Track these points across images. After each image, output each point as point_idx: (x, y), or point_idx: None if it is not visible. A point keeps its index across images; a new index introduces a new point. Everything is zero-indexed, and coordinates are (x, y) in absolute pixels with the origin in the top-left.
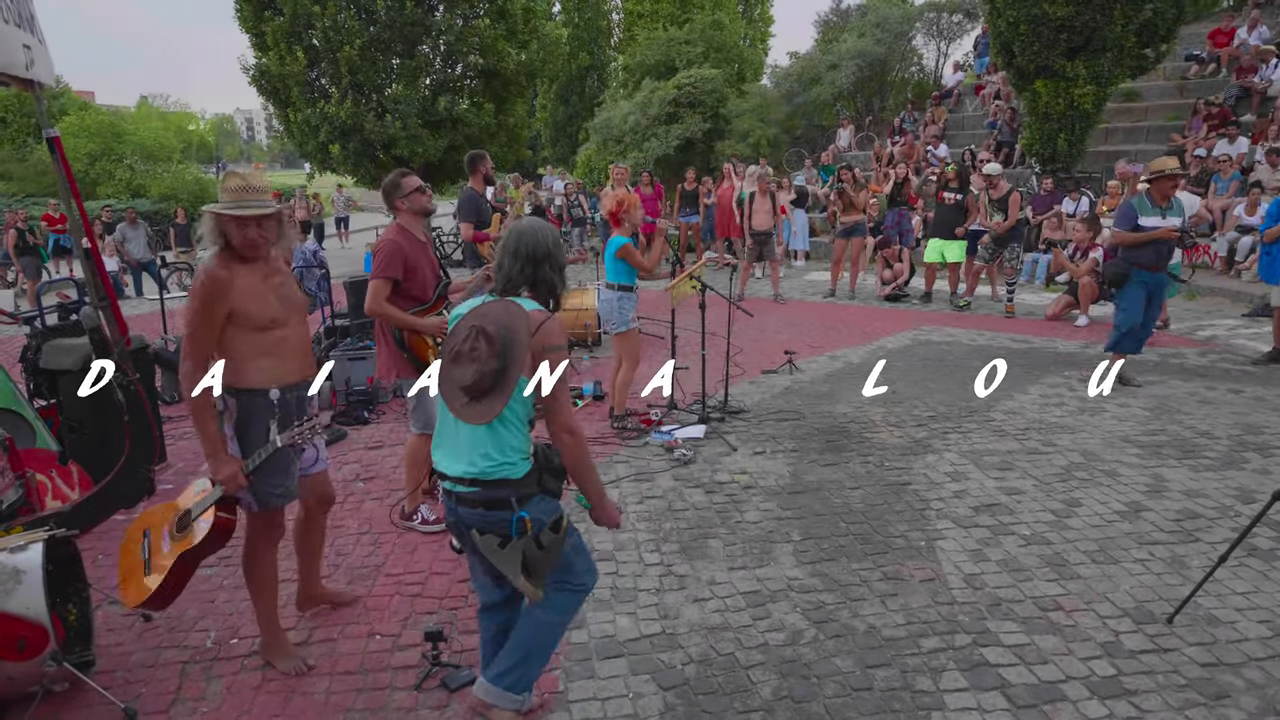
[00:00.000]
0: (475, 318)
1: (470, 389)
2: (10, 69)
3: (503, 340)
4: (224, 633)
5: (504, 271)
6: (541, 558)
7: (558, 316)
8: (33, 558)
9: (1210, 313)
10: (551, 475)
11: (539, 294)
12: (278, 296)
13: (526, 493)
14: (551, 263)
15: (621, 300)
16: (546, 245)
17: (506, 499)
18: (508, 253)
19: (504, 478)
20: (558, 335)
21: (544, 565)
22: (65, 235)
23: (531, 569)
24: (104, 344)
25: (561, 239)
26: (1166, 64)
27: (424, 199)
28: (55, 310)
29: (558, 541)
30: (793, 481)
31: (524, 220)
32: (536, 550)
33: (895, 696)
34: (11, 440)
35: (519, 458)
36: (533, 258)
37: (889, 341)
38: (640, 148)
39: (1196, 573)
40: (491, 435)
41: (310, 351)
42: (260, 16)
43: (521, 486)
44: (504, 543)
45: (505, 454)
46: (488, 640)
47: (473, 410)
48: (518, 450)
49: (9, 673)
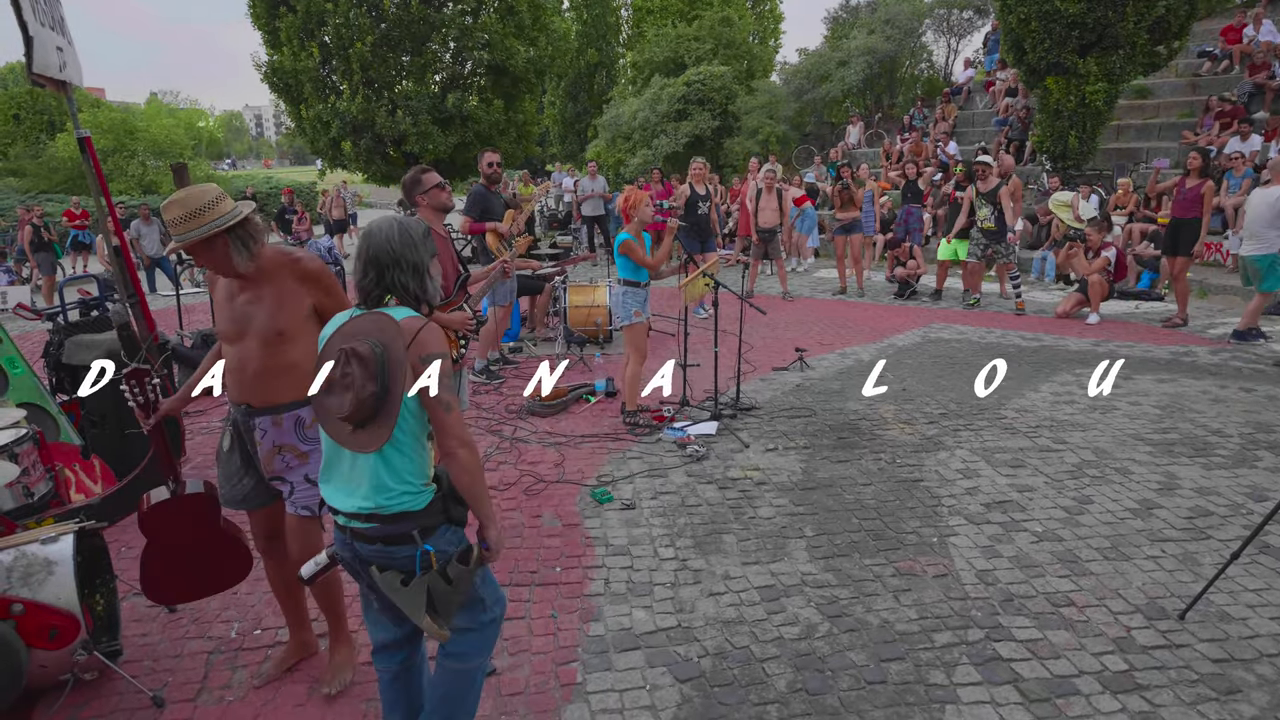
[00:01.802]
0: (343, 338)
1: (350, 418)
2: (47, 70)
3: (378, 359)
4: (248, 624)
5: (357, 281)
6: (448, 593)
7: (433, 324)
8: (64, 549)
9: (1222, 311)
10: (457, 503)
11: (404, 300)
12: (233, 315)
13: (430, 524)
14: (402, 266)
15: (626, 295)
16: (392, 248)
17: (409, 532)
18: (357, 259)
19: (404, 510)
20: (434, 343)
21: (451, 601)
22: (84, 231)
23: (438, 606)
24: (133, 340)
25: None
26: (1179, 61)
27: (444, 195)
28: (77, 306)
29: (466, 575)
30: (805, 478)
31: (376, 220)
32: (443, 586)
33: (909, 690)
34: (42, 434)
35: (419, 484)
36: (377, 262)
37: (900, 339)
38: (649, 145)
39: (1208, 570)
40: (385, 463)
41: (262, 380)
42: (274, 14)
43: (424, 518)
44: (407, 579)
45: (403, 482)
46: (388, 684)
47: (359, 438)
48: (417, 476)
49: (41, 661)
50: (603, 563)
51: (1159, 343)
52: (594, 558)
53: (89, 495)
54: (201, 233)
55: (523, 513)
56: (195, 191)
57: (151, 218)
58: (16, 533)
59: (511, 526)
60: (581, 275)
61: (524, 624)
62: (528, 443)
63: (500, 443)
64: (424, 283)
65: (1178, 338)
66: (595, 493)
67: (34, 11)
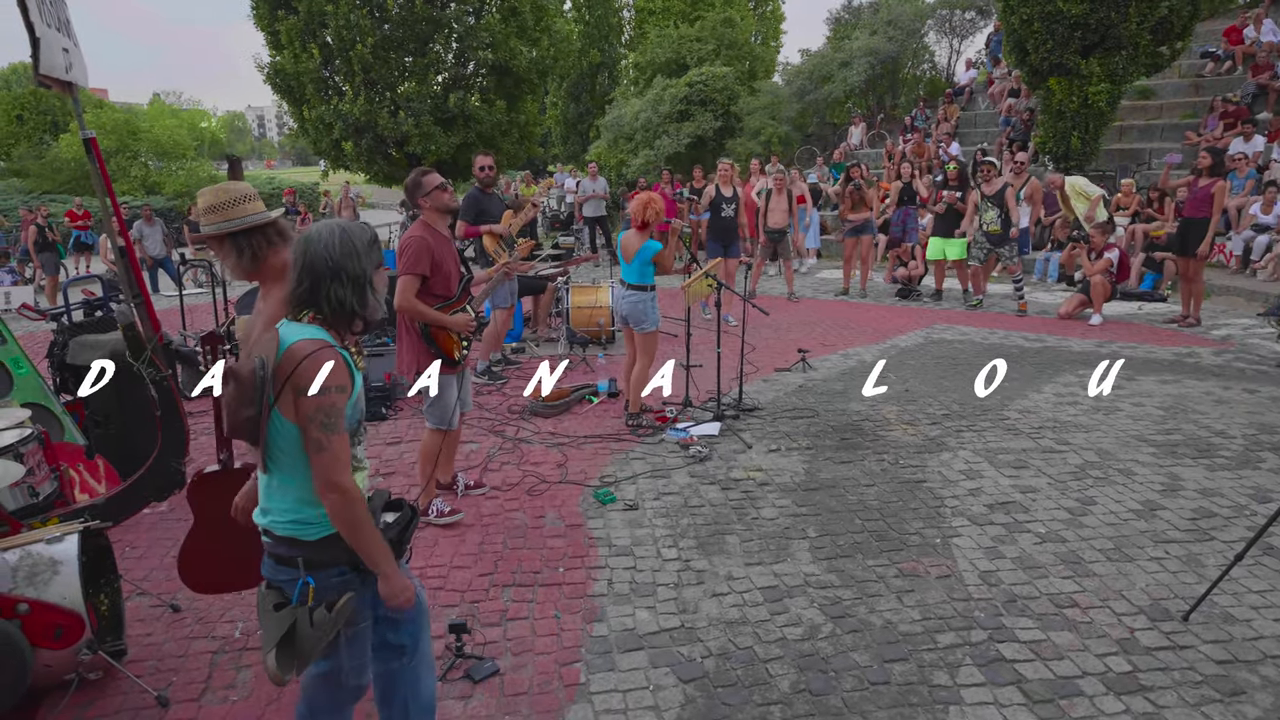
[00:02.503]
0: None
1: (230, 435)
2: (53, 71)
3: (258, 382)
4: (251, 624)
5: (291, 290)
6: (309, 637)
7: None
8: (69, 549)
9: (1225, 312)
10: None
11: (329, 318)
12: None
13: (319, 560)
14: (341, 279)
15: (651, 301)
16: (331, 257)
17: (294, 558)
18: (294, 266)
19: (291, 536)
20: (317, 376)
21: (309, 646)
22: (87, 232)
23: (296, 647)
24: (138, 340)
25: (374, 243)
26: (1182, 61)
27: (446, 196)
28: (81, 307)
29: (329, 624)
30: (808, 479)
31: (317, 224)
32: (307, 626)
33: (912, 690)
34: (47, 434)
35: (310, 514)
36: (312, 271)
37: (902, 340)
38: (651, 145)
39: (1212, 571)
40: (270, 484)
41: None
42: (275, 15)
43: (313, 551)
44: (280, 605)
45: (296, 509)
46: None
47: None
48: (304, 505)
49: (46, 660)
50: (606, 563)
51: (1162, 344)
52: (597, 558)
53: (93, 495)
54: (214, 229)
55: (526, 513)
56: (226, 187)
57: (154, 218)
58: (22, 532)
59: (514, 527)
60: (584, 276)
61: (527, 624)
62: (530, 443)
63: (503, 443)
64: (364, 297)
65: (1181, 339)
66: (598, 493)
67: (40, 13)
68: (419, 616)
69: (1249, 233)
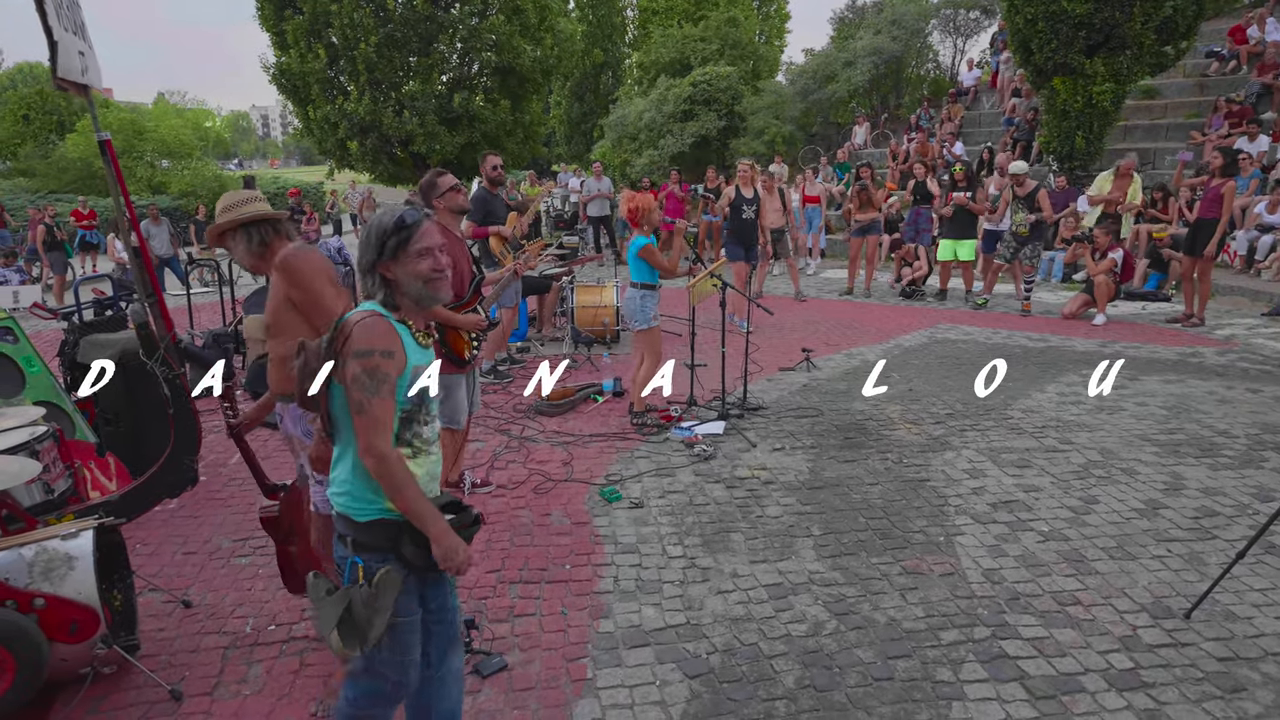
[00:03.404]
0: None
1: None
2: (70, 74)
3: (321, 350)
4: (262, 619)
5: None
6: (363, 614)
7: (371, 319)
8: (84, 545)
9: (1229, 311)
10: (414, 544)
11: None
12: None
13: (367, 543)
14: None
15: (644, 298)
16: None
17: (345, 537)
18: None
19: (342, 511)
20: (361, 338)
21: (364, 622)
22: (92, 231)
23: (355, 623)
24: (151, 339)
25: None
26: (1186, 61)
27: (459, 197)
28: (91, 306)
29: (374, 598)
30: (812, 477)
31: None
32: (360, 604)
33: (916, 686)
34: (61, 431)
35: (363, 489)
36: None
37: (906, 340)
38: (655, 145)
39: (1214, 569)
40: (339, 454)
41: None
42: (281, 15)
43: (363, 533)
44: (332, 589)
45: (350, 479)
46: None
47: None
48: (363, 478)
49: (62, 654)
50: (612, 560)
51: (1165, 344)
52: (603, 555)
53: (105, 493)
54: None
55: (532, 511)
56: (240, 192)
57: (160, 218)
58: (38, 528)
59: (521, 525)
60: (589, 275)
61: (535, 620)
62: (536, 442)
63: (509, 442)
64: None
65: (1184, 339)
66: (604, 491)
67: (58, 17)
68: (448, 630)
69: (1254, 232)
